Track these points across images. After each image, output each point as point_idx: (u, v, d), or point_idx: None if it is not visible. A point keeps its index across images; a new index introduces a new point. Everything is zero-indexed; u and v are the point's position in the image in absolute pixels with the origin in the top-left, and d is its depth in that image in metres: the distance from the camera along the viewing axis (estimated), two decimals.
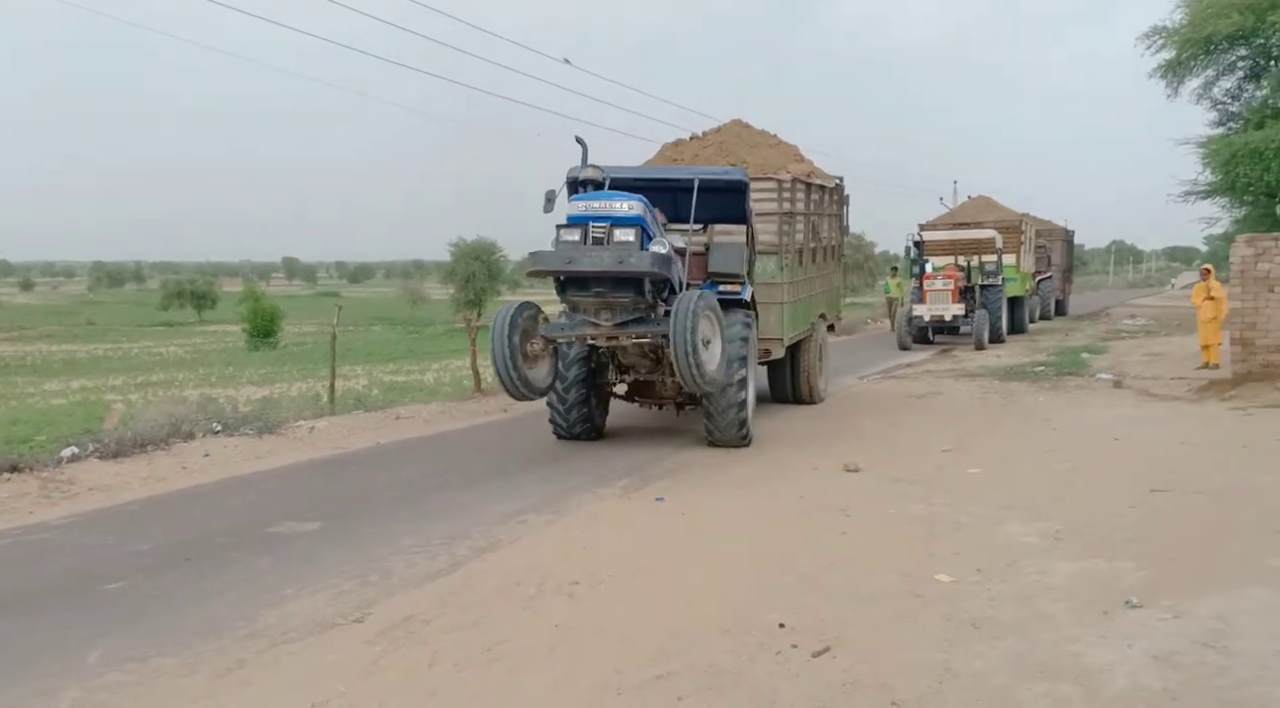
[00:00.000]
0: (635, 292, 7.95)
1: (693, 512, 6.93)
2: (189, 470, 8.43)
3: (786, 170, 11.21)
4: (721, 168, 9.96)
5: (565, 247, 7.84)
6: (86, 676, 4.16)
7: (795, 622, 4.65)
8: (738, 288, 9.20)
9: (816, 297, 12.47)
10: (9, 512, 6.96)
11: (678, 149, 12.23)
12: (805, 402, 12.08)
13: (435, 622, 4.79)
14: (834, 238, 13.56)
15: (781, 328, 10.85)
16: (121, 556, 5.91)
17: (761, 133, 12.51)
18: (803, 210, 11.55)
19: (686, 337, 7.49)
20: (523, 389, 8.28)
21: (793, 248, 11.09)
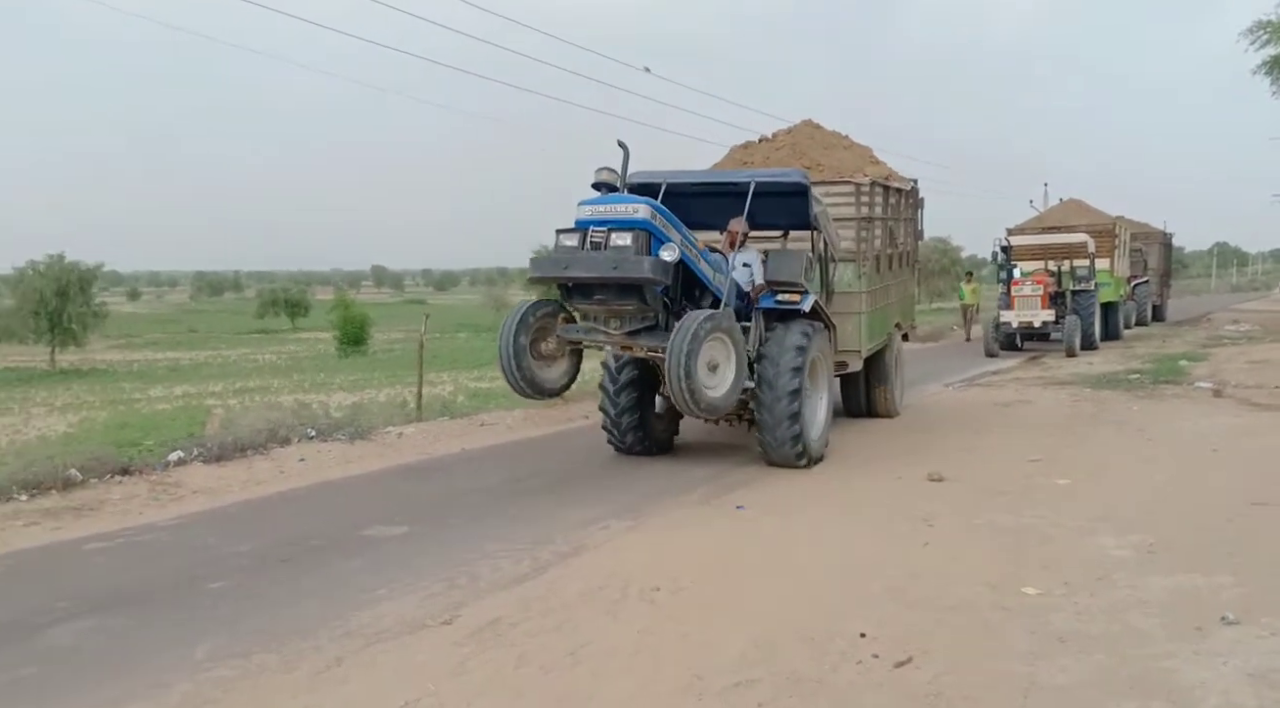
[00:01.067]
0: (640, 299, 7.58)
1: (772, 520, 6.93)
2: (285, 475, 8.76)
3: (863, 173, 10.67)
4: (779, 170, 9.41)
5: (563, 251, 7.51)
6: (195, 670, 4.38)
7: (877, 632, 4.64)
8: (796, 298, 8.69)
9: (893, 305, 11.97)
10: (121, 513, 7.34)
11: (747, 152, 11.69)
12: (880, 416, 11.59)
13: (521, 625, 4.91)
14: (909, 243, 13.00)
15: (859, 339, 10.38)
16: (224, 556, 6.18)
17: (834, 134, 12.01)
18: (880, 215, 11.05)
19: (681, 359, 7.04)
20: (527, 388, 8.05)
21: (870, 255, 10.62)
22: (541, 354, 8.13)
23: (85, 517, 7.18)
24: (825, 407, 9.08)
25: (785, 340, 8.33)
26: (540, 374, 8.11)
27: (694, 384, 7.12)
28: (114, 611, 5.18)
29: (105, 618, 5.07)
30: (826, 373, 9.16)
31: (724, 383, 7.58)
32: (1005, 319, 20.49)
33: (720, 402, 7.56)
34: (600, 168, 7.66)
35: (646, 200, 7.54)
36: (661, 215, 7.54)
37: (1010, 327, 20.42)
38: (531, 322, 7.96)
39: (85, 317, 39.99)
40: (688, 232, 7.95)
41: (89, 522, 7.06)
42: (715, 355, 7.45)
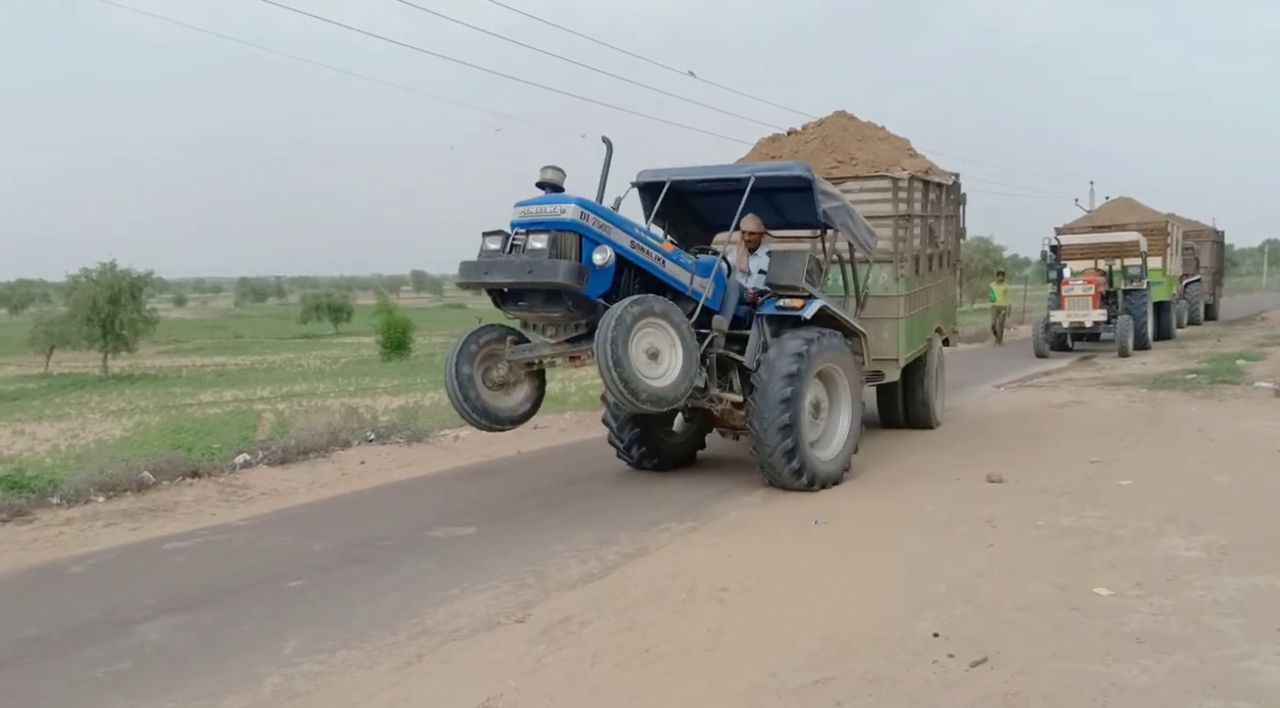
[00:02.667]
0: (565, 306, 6.94)
1: (834, 521, 6.96)
2: (348, 477, 8.93)
3: (901, 166, 9.84)
4: (780, 163, 8.63)
5: (486, 255, 6.99)
6: (284, 664, 4.51)
7: (949, 632, 4.66)
8: (798, 303, 7.87)
9: (933, 309, 11.14)
10: (195, 514, 7.54)
11: (775, 145, 10.85)
12: (918, 427, 10.83)
13: (592, 624, 4.99)
14: (951, 242, 12.08)
15: (897, 347, 9.59)
16: (299, 556, 6.34)
17: (869, 125, 11.06)
18: (920, 212, 10.22)
19: (606, 348, 6.47)
20: (482, 421, 7.40)
21: (909, 255, 9.83)
22: (495, 383, 7.50)
23: (161, 517, 7.39)
24: (848, 424, 8.24)
25: (784, 346, 7.65)
26: (495, 403, 7.47)
27: (626, 373, 6.51)
28: (200, 608, 5.34)
29: (193, 615, 5.23)
30: (850, 386, 8.24)
31: (670, 371, 6.89)
32: (1055, 319, 20.29)
33: (668, 392, 6.84)
34: (545, 166, 7.11)
35: (578, 200, 6.89)
36: (598, 215, 6.94)
37: (1061, 327, 20.22)
38: (474, 349, 7.36)
39: (136, 323, 40.90)
40: (644, 231, 7.42)
41: (165, 522, 7.27)
42: (654, 342, 6.83)
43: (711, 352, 7.63)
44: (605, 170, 7.71)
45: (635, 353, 6.66)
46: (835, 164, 9.87)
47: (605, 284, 6.96)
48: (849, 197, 9.03)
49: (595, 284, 6.85)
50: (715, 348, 7.66)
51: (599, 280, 6.87)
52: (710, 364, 7.64)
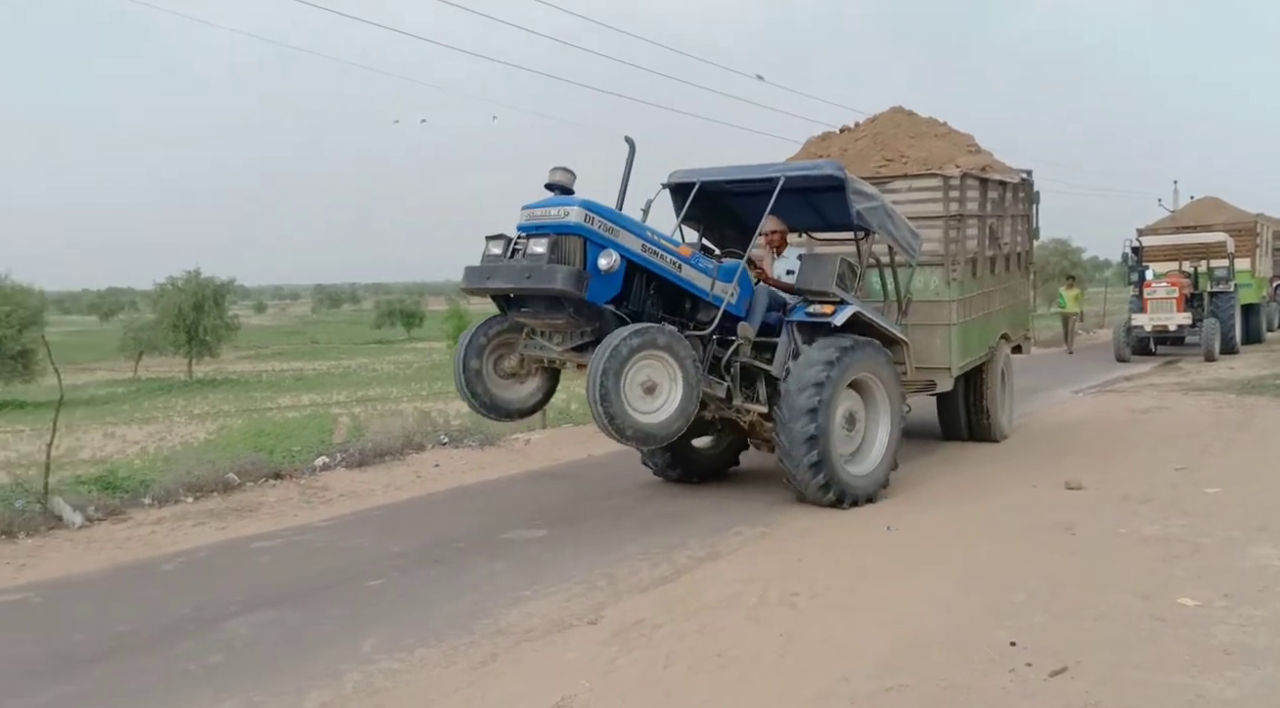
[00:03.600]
0: (568, 312, 6.66)
1: (907, 527, 6.89)
2: (423, 479, 9.11)
3: (955, 164, 9.25)
4: (810, 162, 8.21)
5: (489, 260, 6.83)
6: (364, 661, 4.64)
7: (1027, 640, 4.58)
8: (829, 310, 7.47)
9: (997, 314, 10.42)
10: (278, 514, 7.77)
11: (825, 144, 10.45)
12: (982, 440, 10.18)
13: (664, 627, 5.02)
14: (1020, 243, 11.37)
15: (949, 355, 9.02)
16: (377, 556, 6.49)
17: (928, 121, 10.55)
18: (977, 211, 9.62)
19: (596, 379, 6.17)
20: (490, 413, 7.37)
21: (963, 257, 9.23)
22: (506, 372, 7.35)
23: (246, 517, 7.63)
24: (886, 438, 7.80)
25: (813, 354, 7.27)
26: (504, 395, 7.35)
27: (613, 408, 6.18)
28: (285, 605, 5.52)
29: (278, 612, 5.40)
30: (888, 398, 7.81)
31: (666, 408, 6.50)
32: (1137, 322, 19.74)
33: (658, 430, 6.49)
34: (555, 167, 6.81)
35: (583, 201, 6.58)
36: (604, 217, 6.62)
37: (1143, 330, 19.67)
38: (484, 342, 7.22)
39: (219, 329, 42.23)
40: (657, 234, 7.07)
41: (250, 522, 7.51)
42: (652, 375, 6.44)
43: (737, 360, 7.29)
44: (627, 172, 7.47)
45: (629, 387, 6.30)
46: (884, 162, 9.44)
47: (612, 289, 6.68)
48: (896, 197, 8.78)
49: (600, 290, 6.56)
50: (741, 356, 7.31)
51: (605, 286, 6.59)
52: (735, 373, 7.31)
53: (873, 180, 8.79)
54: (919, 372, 8.77)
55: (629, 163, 7.44)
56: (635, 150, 7.40)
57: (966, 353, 9.43)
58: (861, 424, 7.72)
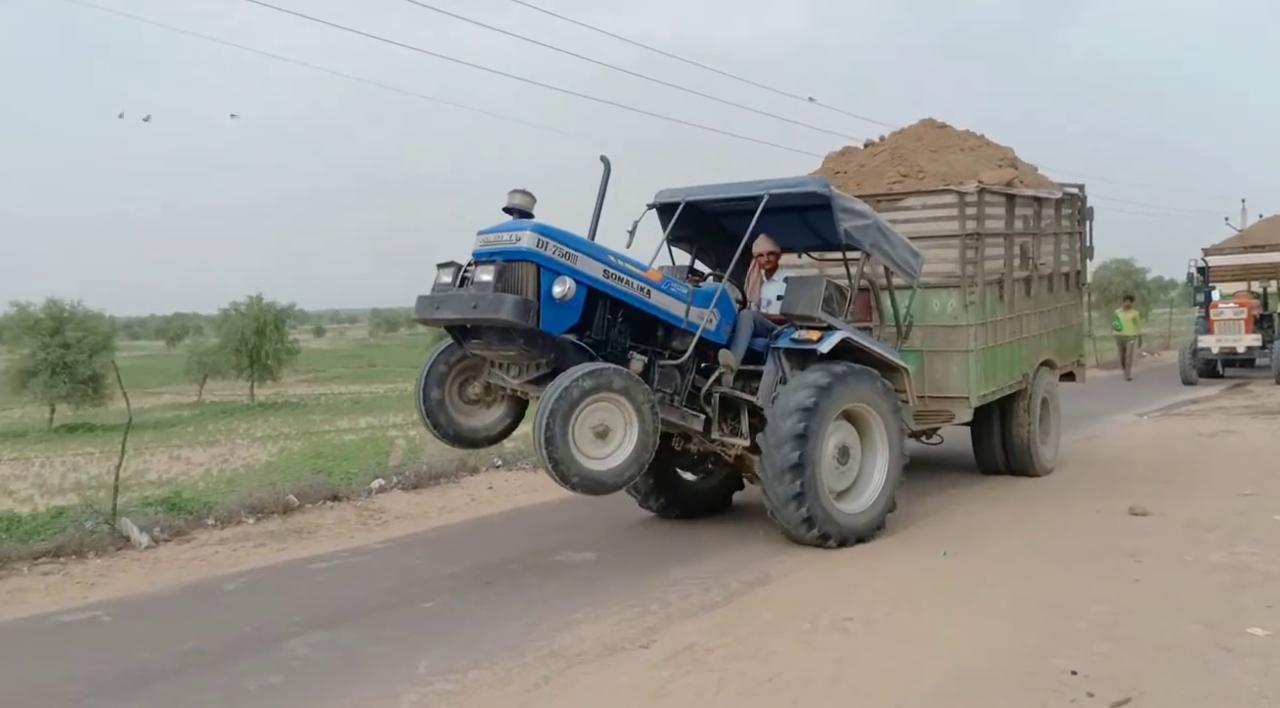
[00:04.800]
0: (519, 343, 6.27)
1: (964, 552, 6.78)
2: (476, 502, 9.20)
3: (977, 179, 8.62)
4: (795, 178, 7.60)
5: (439, 289, 6.51)
6: (418, 683, 4.69)
7: (1089, 670, 4.49)
8: (814, 336, 6.97)
9: (1034, 339, 9.66)
10: (335, 536, 7.92)
11: (843, 159, 9.94)
12: (1020, 474, 9.48)
13: (716, 651, 5.00)
14: (1068, 263, 10.60)
15: (967, 383, 8.36)
16: (431, 578, 6.57)
17: (960, 133, 9.98)
18: (1003, 230, 8.99)
19: (542, 422, 5.81)
20: (456, 444, 7.21)
21: (982, 279, 8.52)
22: (470, 398, 7.04)
23: (305, 539, 7.78)
24: (884, 474, 7.32)
25: (803, 378, 6.84)
26: (469, 423, 7.06)
27: (557, 453, 5.80)
28: (341, 625, 5.61)
29: (335, 632, 5.50)
30: (886, 430, 7.31)
31: (618, 454, 6.10)
32: (1204, 344, 19.23)
33: (608, 477, 6.07)
34: (514, 190, 6.39)
35: (535, 225, 6.23)
36: (560, 242, 6.26)
37: (1210, 352, 19.16)
38: (444, 369, 6.91)
39: (280, 353, 43.13)
40: (622, 258, 6.66)
41: (308, 544, 7.65)
42: (606, 419, 6.05)
43: (717, 390, 6.94)
44: (602, 192, 7.16)
45: (578, 431, 5.93)
46: (899, 178, 8.88)
47: (570, 318, 6.30)
48: (910, 214, 8.44)
49: (555, 319, 6.21)
50: (723, 386, 6.95)
51: (561, 315, 6.23)
52: (715, 404, 6.97)
53: (884, 197, 8.56)
54: (935, 401, 8.36)
55: (604, 183, 7.13)
56: (610, 170, 7.12)
57: (990, 381, 8.76)
58: (856, 459, 7.23)
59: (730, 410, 7.10)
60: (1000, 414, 9.35)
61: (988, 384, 8.72)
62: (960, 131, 10.06)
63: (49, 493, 21.77)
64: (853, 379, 7.03)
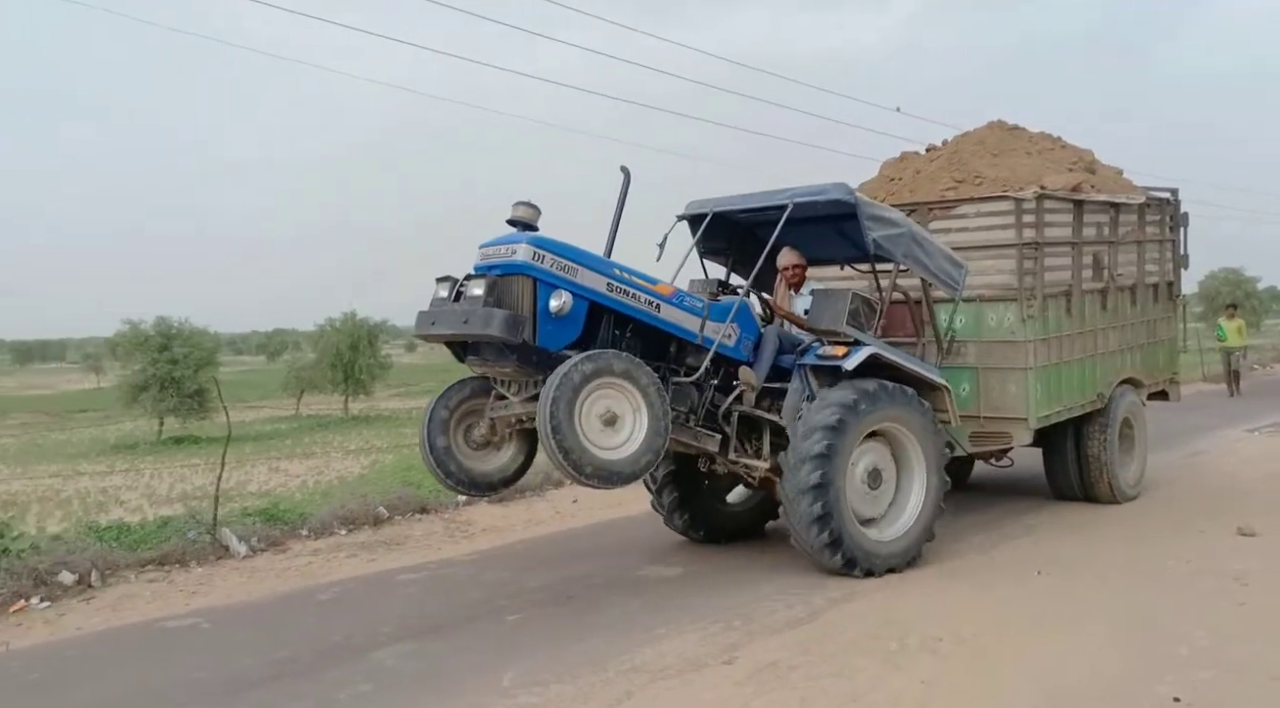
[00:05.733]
0: (514, 359, 6.05)
1: (1059, 571, 6.57)
2: (561, 515, 9.29)
3: (1041, 184, 8.08)
4: (817, 185, 7.04)
5: (435, 304, 6.33)
6: (503, 695, 4.75)
7: (1191, 697, 4.30)
8: (840, 352, 6.65)
9: (1113, 355, 8.98)
10: (423, 548, 8.08)
11: (901, 165, 9.48)
12: (1097, 500, 8.75)
13: (800, 668, 4.95)
14: (1158, 273, 9.83)
15: (1026, 403, 7.80)
16: (517, 590, 6.65)
17: (1032, 136, 9.40)
18: (1067, 238, 8.37)
19: (546, 410, 5.59)
20: (471, 492, 6.97)
21: (1041, 291, 7.94)
22: (478, 442, 6.73)
23: (394, 550, 7.96)
24: (920, 499, 6.91)
25: (828, 397, 6.52)
26: (480, 468, 6.72)
27: (567, 442, 5.57)
28: (428, 636, 5.72)
29: (422, 643, 5.61)
30: (923, 452, 6.91)
31: (630, 442, 5.88)
32: None
33: (623, 467, 5.83)
34: (517, 202, 6.19)
35: (531, 238, 6.03)
36: (558, 255, 6.03)
37: None
38: (446, 415, 6.60)
39: (373, 368, 44.33)
40: (628, 271, 6.39)
41: (398, 555, 7.83)
42: (612, 407, 5.84)
43: (736, 409, 6.69)
44: (620, 203, 6.95)
45: (585, 419, 5.73)
46: (953, 185, 8.39)
47: (570, 334, 6.09)
48: (963, 223, 8.02)
49: (553, 334, 6.01)
50: (744, 404, 6.69)
51: (558, 330, 6.02)
52: (734, 423, 6.72)
53: (936, 205, 8.16)
54: (991, 421, 7.87)
55: (623, 194, 6.91)
56: (630, 180, 6.89)
57: (1053, 401, 8.16)
58: (890, 483, 6.89)
59: (754, 431, 6.86)
60: (1075, 436, 8.74)
61: (1051, 404, 8.14)
62: (1033, 134, 9.53)
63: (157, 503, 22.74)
64: (884, 397, 6.67)
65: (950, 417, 7.27)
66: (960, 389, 7.82)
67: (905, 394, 6.83)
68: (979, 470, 10.00)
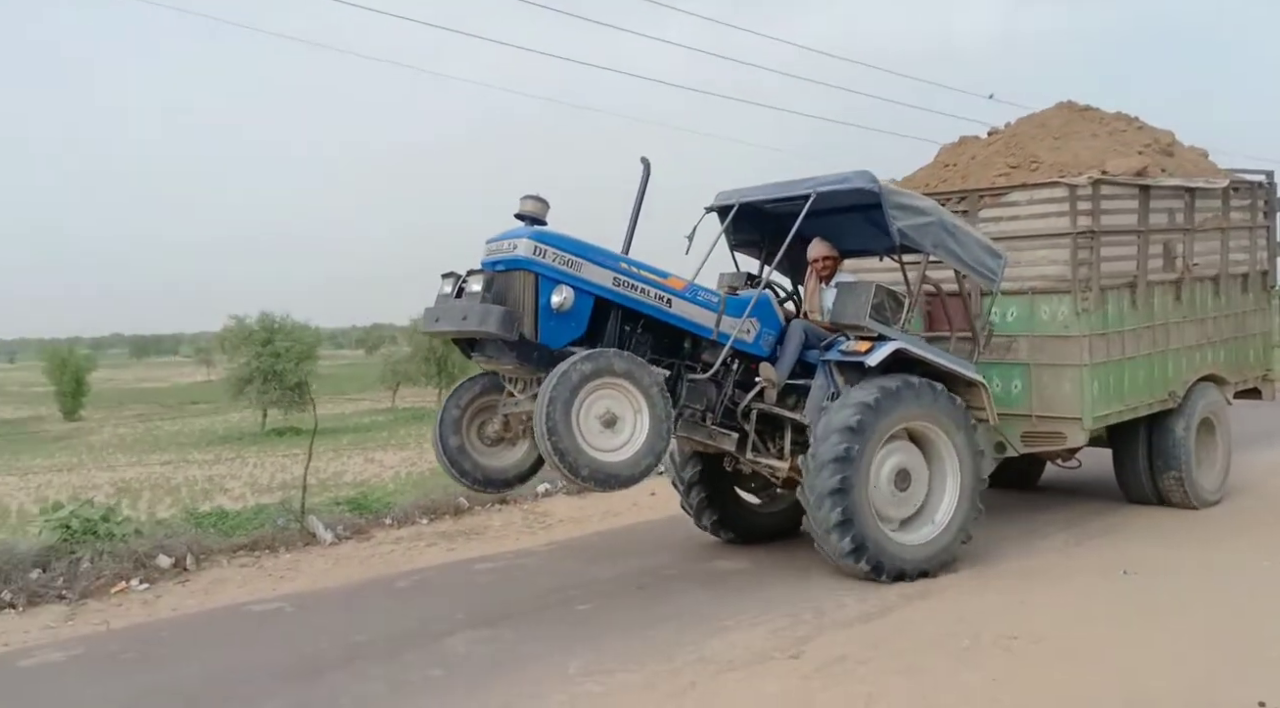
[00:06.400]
0: (514, 356, 5.89)
1: (1146, 570, 6.34)
2: (638, 507, 9.34)
3: (1102, 169, 7.56)
4: (840, 174, 6.70)
5: (440, 300, 6.22)
6: (568, 683, 4.82)
7: (1278, 701, 4.11)
8: (864, 347, 6.38)
9: (1190, 351, 8.42)
10: (501, 538, 8.25)
11: (958, 150, 9.00)
12: (1173, 505, 8.22)
13: (869, 663, 4.89)
14: (1247, 262, 9.15)
15: (1081, 402, 7.33)
16: (588, 581, 6.73)
17: (1105, 117, 8.84)
18: (1134, 226, 7.83)
19: (542, 410, 5.42)
20: (487, 490, 6.82)
21: (1098, 282, 7.43)
22: (492, 438, 6.60)
23: (473, 540, 8.14)
24: (954, 501, 6.62)
25: (849, 396, 6.26)
26: (495, 465, 6.60)
27: (563, 443, 5.40)
28: (500, 624, 5.83)
29: (495, 630, 5.72)
30: (956, 452, 6.61)
31: (631, 444, 5.69)
32: None
33: (622, 469, 5.65)
34: (525, 196, 6.06)
35: (532, 232, 5.90)
36: (560, 249, 5.88)
37: None
38: (458, 414, 6.49)
39: (465, 363, 45.31)
40: (636, 264, 6.20)
41: (476, 545, 8.00)
42: (612, 407, 5.64)
43: (756, 406, 6.49)
44: (640, 195, 6.75)
45: (584, 419, 5.55)
46: (1007, 171, 7.98)
47: (574, 330, 5.94)
48: (1014, 211, 7.59)
49: (556, 330, 5.87)
50: (765, 402, 6.47)
51: (562, 326, 5.88)
52: (752, 421, 6.54)
53: (986, 192, 7.77)
54: (1044, 421, 7.45)
55: (643, 187, 6.72)
56: (650, 172, 6.72)
57: (1114, 400, 7.64)
58: (921, 484, 6.58)
59: (777, 429, 6.65)
60: (1148, 436, 8.23)
61: (1110, 403, 7.61)
62: (1106, 115, 8.95)
63: (259, 492, 23.68)
64: (910, 395, 6.35)
65: (988, 415, 6.90)
66: (1011, 386, 7.53)
67: (934, 391, 6.51)
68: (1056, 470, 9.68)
